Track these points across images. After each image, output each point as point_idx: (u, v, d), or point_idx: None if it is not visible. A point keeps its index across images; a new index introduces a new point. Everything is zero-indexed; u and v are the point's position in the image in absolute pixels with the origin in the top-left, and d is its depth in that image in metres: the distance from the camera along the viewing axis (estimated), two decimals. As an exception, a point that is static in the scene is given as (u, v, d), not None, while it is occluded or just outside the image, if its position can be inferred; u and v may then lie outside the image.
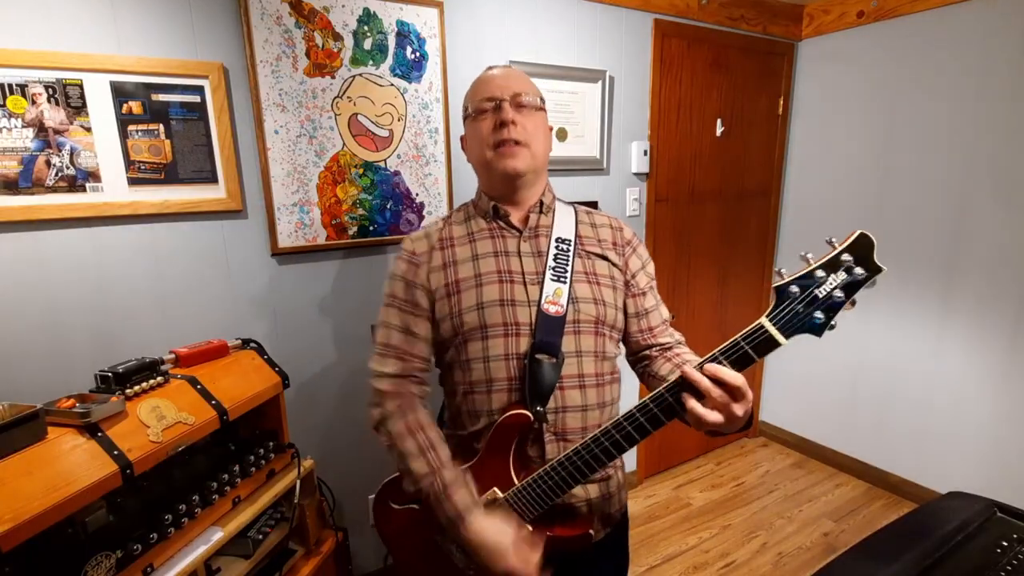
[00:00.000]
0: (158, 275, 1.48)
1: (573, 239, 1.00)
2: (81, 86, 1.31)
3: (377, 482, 1.93)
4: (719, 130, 2.50)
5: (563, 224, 1.02)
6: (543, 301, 0.93)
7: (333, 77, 1.61)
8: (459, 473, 0.91)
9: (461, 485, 0.89)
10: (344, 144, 1.66)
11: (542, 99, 0.99)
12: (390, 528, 1.07)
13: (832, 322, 0.74)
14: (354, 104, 1.65)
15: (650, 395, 0.81)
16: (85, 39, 1.31)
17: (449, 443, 0.98)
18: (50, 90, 1.28)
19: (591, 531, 0.93)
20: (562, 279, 0.95)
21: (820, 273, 0.74)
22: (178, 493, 1.14)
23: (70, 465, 0.92)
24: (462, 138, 1.08)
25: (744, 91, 2.54)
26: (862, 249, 0.73)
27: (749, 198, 2.71)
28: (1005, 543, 0.89)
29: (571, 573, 0.96)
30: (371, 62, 1.66)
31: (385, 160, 1.73)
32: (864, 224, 2.53)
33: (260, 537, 1.30)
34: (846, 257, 0.73)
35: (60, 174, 1.32)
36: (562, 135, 2.05)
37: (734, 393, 0.74)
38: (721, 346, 0.76)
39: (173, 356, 1.24)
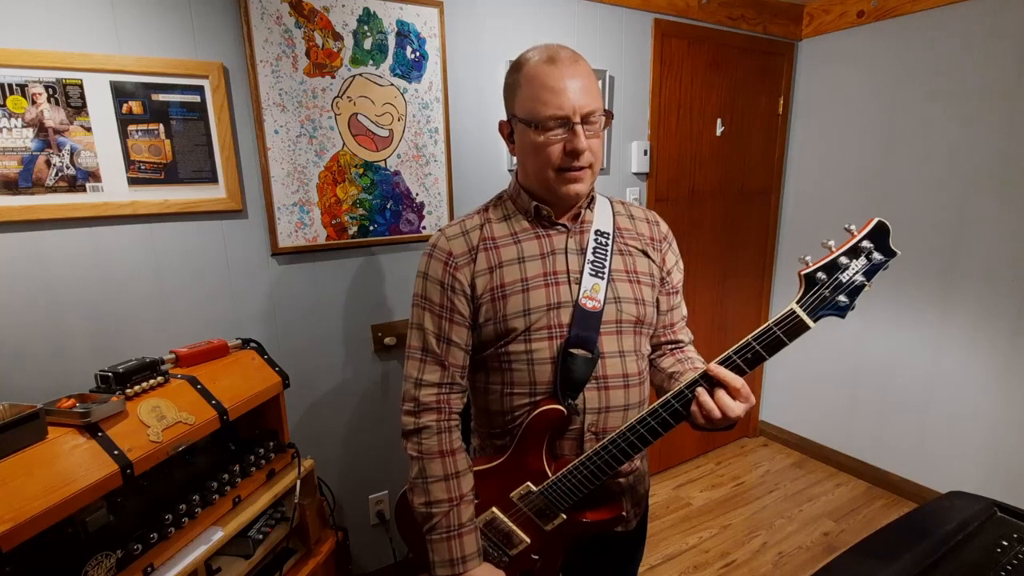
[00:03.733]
0: (158, 275, 1.48)
1: (612, 232, 0.98)
2: (81, 86, 1.31)
3: (377, 482, 1.95)
4: (719, 130, 2.50)
5: (602, 217, 0.99)
6: (580, 296, 0.92)
7: (333, 77, 1.61)
8: (473, 514, 0.93)
9: (473, 529, 0.92)
10: (344, 144, 1.66)
11: (605, 109, 0.91)
12: (414, 523, 1.04)
13: (853, 304, 0.79)
14: (354, 104, 1.65)
15: (673, 391, 0.84)
16: (85, 39, 1.31)
17: (477, 440, 1.02)
18: (50, 90, 1.28)
19: (624, 512, 0.96)
20: (600, 275, 0.93)
21: (843, 260, 0.78)
22: (178, 493, 1.14)
23: (70, 465, 0.92)
24: (503, 126, 0.96)
25: (744, 91, 2.54)
26: (880, 235, 0.78)
27: (749, 198, 2.71)
28: (1005, 543, 0.89)
29: (597, 555, 1.03)
30: (371, 62, 1.66)
31: (385, 160, 1.73)
32: (863, 224, 2.53)
33: (260, 537, 1.30)
34: (866, 244, 0.78)
35: (60, 174, 1.32)
36: (562, 135, 2.05)
37: (741, 392, 0.80)
38: (754, 332, 0.80)
39: (173, 356, 1.24)
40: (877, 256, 0.78)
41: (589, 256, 0.94)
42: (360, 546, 1.95)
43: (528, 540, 0.96)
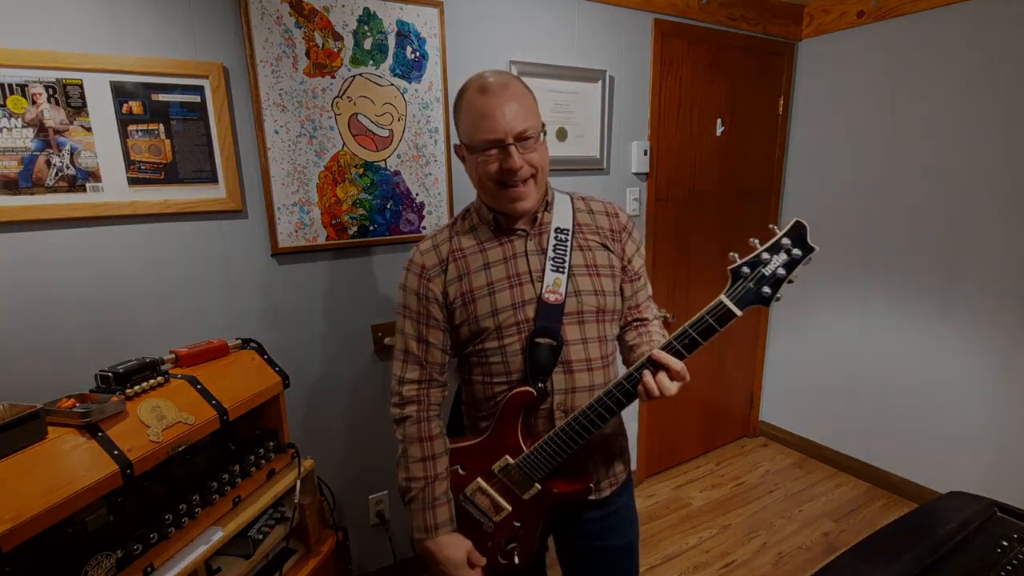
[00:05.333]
0: (158, 275, 1.48)
1: (571, 228, 1.06)
2: (81, 86, 1.31)
3: (377, 482, 1.95)
4: (719, 130, 2.50)
5: (561, 214, 1.08)
6: (544, 291, 1.01)
7: (333, 77, 1.61)
8: (447, 490, 1.06)
9: (445, 503, 1.06)
10: (344, 144, 1.66)
11: (542, 123, 1.00)
12: None
13: (777, 295, 0.90)
14: (354, 104, 1.65)
15: (625, 374, 0.95)
16: (85, 39, 1.31)
17: (467, 421, 1.16)
18: (50, 90, 1.28)
19: (591, 485, 1.07)
20: (560, 269, 1.03)
21: (765, 255, 0.89)
22: (178, 493, 1.14)
23: (70, 465, 0.92)
24: (457, 149, 1.07)
25: (744, 91, 2.54)
26: (798, 234, 0.89)
27: (749, 198, 2.71)
28: (1005, 543, 0.89)
29: (578, 530, 1.14)
30: (371, 62, 1.66)
31: (385, 160, 1.73)
32: (864, 224, 2.54)
33: (260, 537, 1.30)
34: (785, 241, 0.89)
35: (60, 174, 1.32)
36: (562, 135, 2.05)
37: (679, 373, 0.91)
38: (690, 320, 0.92)
39: (173, 356, 1.24)
40: (796, 252, 0.88)
41: (550, 254, 1.03)
42: (360, 546, 1.95)
43: (509, 508, 1.07)
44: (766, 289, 0.89)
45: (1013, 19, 1.96)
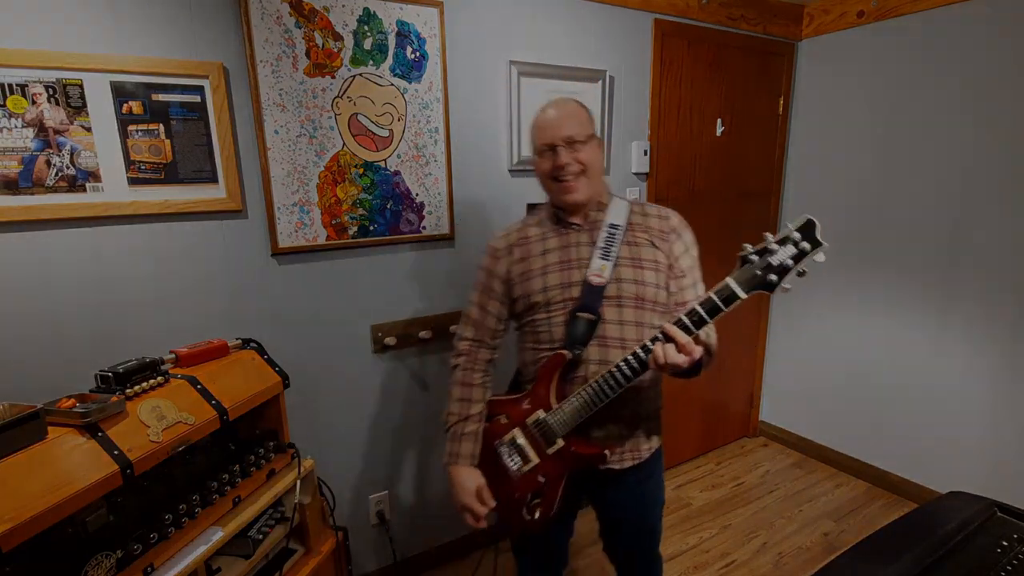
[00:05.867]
0: (158, 275, 1.48)
1: (624, 224, 1.23)
2: (81, 86, 1.31)
3: (377, 482, 1.95)
4: (719, 130, 2.50)
5: (617, 214, 1.25)
6: (589, 274, 1.19)
7: (333, 77, 1.61)
8: (476, 429, 1.27)
9: (471, 439, 1.27)
10: (344, 144, 1.66)
11: (592, 131, 1.21)
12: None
13: (784, 284, 0.99)
14: (354, 104, 1.65)
15: (641, 344, 1.09)
16: (85, 39, 1.31)
17: (520, 381, 1.35)
18: (50, 90, 1.28)
19: (605, 452, 1.20)
20: (607, 257, 1.20)
21: (775, 246, 0.99)
22: (178, 493, 1.14)
23: (70, 465, 0.92)
24: (531, 162, 1.40)
25: (744, 91, 2.54)
26: (808, 229, 0.97)
27: (749, 198, 2.71)
28: (1005, 543, 0.89)
29: (608, 492, 1.32)
30: (371, 62, 1.66)
31: (385, 160, 1.73)
32: (864, 224, 2.54)
33: (260, 537, 1.30)
34: (795, 234, 0.98)
35: (60, 174, 1.32)
36: (562, 135, 2.05)
37: (686, 347, 1.03)
38: (699, 297, 1.05)
39: (173, 356, 1.24)
40: (804, 245, 0.97)
41: (600, 244, 1.21)
42: (360, 546, 1.95)
43: (536, 460, 1.22)
44: (772, 277, 0.98)
45: (1013, 19, 1.96)
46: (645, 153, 2.26)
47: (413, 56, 1.71)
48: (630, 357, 1.09)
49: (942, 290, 2.26)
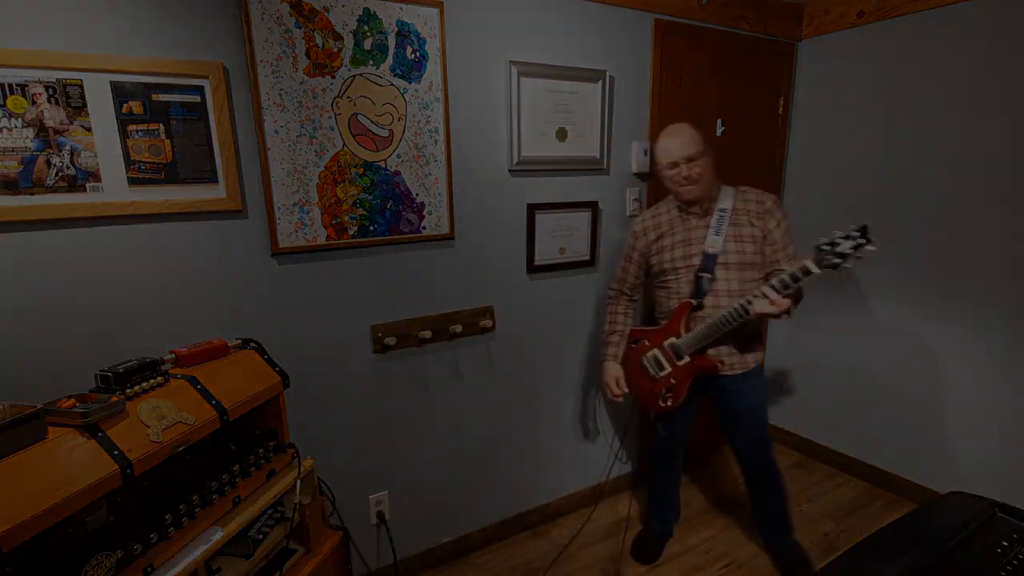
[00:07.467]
0: (158, 275, 1.48)
1: (729, 209, 1.76)
2: (81, 86, 1.31)
3: (377, 482, 1.95)
4: (719, 130, 2.49)
5: (724, 201, 1.78)
6: (706, 246, 1.76)
7: (333, 77, 1.61)
8: (619, 340, 1.98)
9: (615, 344, 1.98)
10: (344, 144, 1.66)
11: (703, 147, 1.71)
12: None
13: (846, 263, 1.49)
14: (354, 104, 1.65)
15: (743, 298, 1.65)
16: (85, 39, 1.31)
17: (655, 317, 1.97)
18: (50, 90, 1.28)
19: (719, 364, 1.80)
20: (718, 234, 1.75)
21: (839, 240, 1.50)
22: (178, 493, 1.14)
23: (70, 465, 0.92)
24: (655, 171, 1.90)
25: (744, 91, 2.53)
26: (865, 230, 1.48)
27: (749, 198, 2.71)
28: (1005, 543, 0.89)
29: (724, 391, 1.87)
30: (371, 62, 1.66)
31: (385, 160, 1.73)
32: (864, 223, 2.52)
33: (260, 537, 1.30)
34: (855, 232, 1.48)
35: (60, 174, 1.32)
36: (562, 135, 2.05)
37: (777, 303, 1.58)
38: (787, 269, 1.58)
39: (173, 356, 1.24)
40: (861, 240, 1.47)
41: (713, 224, 1.76)
42: (360, 546, 1.95)
43: (670, 368, 1.85)
44: (836, 259, 1.49)
45: (1013, 19, 1.96)
46: (645, 153, 2.26)
47: (413, 56, 1.71)
48: (736, 307, 1.64)
49: (942, 289, 2.26)
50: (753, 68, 2.54)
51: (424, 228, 1.84)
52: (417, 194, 1.80)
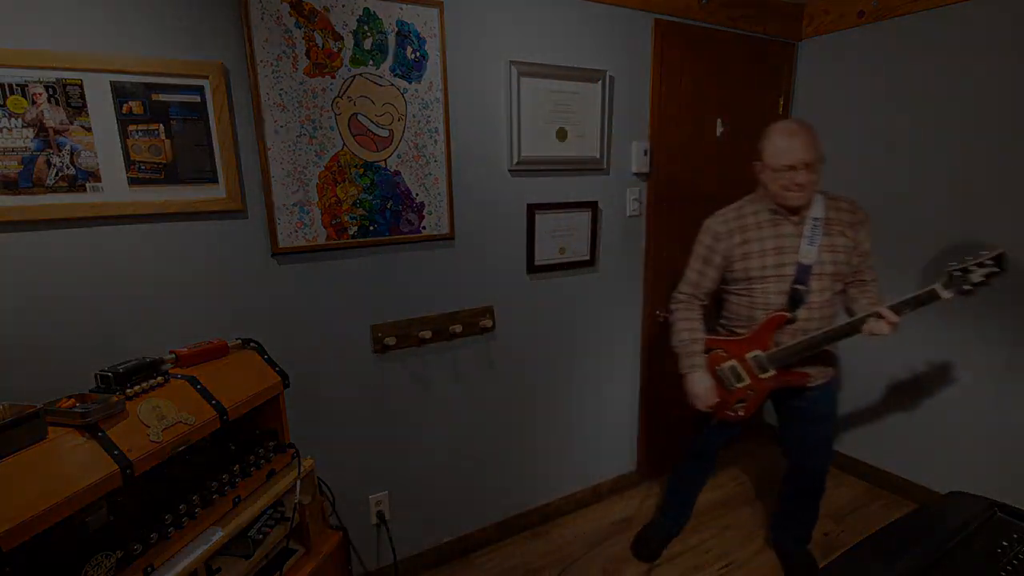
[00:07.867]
0: (158, 275, 1.48)
1: (823, 218, 1.64)
2: (81, 86, 1.31)
3: (377, 482, 1.95)
4: (719, 130, 2.49)
5: (816, 208, 1.65)
6: (800, 256, 1.63)
7: (333, 77, 1.61)
8: (699, 347, 1.80)
9: (696, 354, 1.80)
10: (344, 144, 1.66)
11: (821, 153, 1.57)
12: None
13: (973, 291, 1.44)
14: (354, 104, 1.65)
15: (852, 319, 1.60)
16: (85, 39, 1.31)
17: (721, 329, 1.87)
18: (50, 90, 1.28)
19: (807, 381, 1.74)
20: (812, 244, 1.63)
21: (973, 268, 1.45)
22: (178, 493, 1.14)
23: (70, 465, 0.92)
24: (757, 165, 1.68)
25: (744, 91, 2.53)
26: (1001, 259, 1.43)
27: (749, 198, 2.70)
28: (1005, 543, 0.89)
29: (800, 401, 1.80)
30: (371, 62, 1.66)
31: (385, 160, 1.73)
32: (864, 224, 2.47)
33: (260, 537, 1.30)
34: (989, 261, 1.43)
35: (60, 174, 1.32)
36: (562, 135, 2.05)
37: (894, 324, 1.53)
38: (910, 294, 1.52)
39: (173, 356, 1.24)
40: (995, 269, 1.42)
41: (806, 234, 1.63)
42: (360, 546, 1.95)
43: (748, 380, 1.76)
44: (967, 287, 1.45)
45: (1013, 19, 1.96)
46: (645, 153, 2.26)
47: (413, 56, 1.71)
48: (845, 325, 1.59)
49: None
50: (753, 68, 2.54)
51: (424, 228, 1.84)
52: (417, 194, 1.80)
